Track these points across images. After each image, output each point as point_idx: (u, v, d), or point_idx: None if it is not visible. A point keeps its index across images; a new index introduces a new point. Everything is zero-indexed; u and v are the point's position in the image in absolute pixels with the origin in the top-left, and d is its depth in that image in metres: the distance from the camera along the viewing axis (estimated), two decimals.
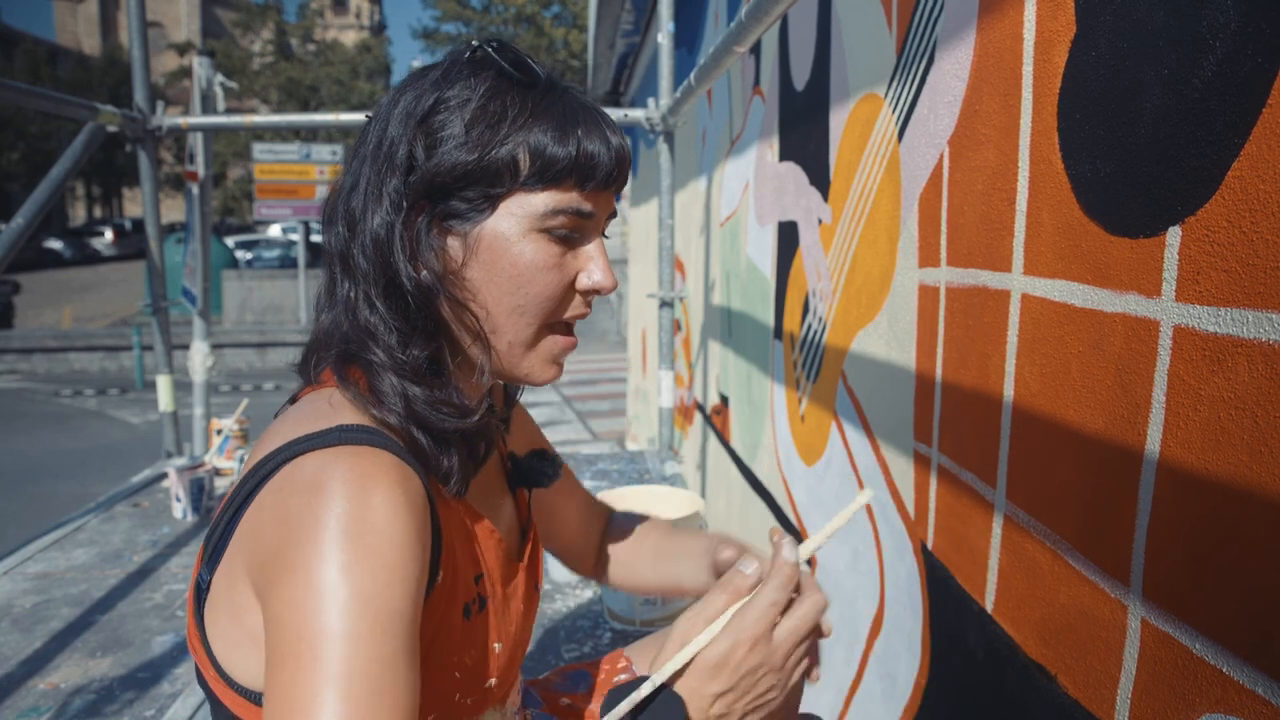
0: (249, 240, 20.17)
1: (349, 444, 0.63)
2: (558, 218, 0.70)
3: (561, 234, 0.70)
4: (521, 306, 0.71)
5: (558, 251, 0.71)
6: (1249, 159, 0.64)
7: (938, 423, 1.21)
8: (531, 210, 0.69)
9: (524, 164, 0.68)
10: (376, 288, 0.69)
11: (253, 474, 0.65)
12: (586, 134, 0.70)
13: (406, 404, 0.68)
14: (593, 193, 0.71)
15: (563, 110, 0.70)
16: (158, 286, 2.98)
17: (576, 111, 0.71)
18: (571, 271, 0.73)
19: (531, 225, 0.69)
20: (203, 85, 3.28)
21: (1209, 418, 0.68)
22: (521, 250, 0.69)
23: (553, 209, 0.69)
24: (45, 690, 1.50)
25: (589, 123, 0.71)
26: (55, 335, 12.84)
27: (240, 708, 0.66)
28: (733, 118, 2.77)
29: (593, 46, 7.33)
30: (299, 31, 27.45)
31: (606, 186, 0.72)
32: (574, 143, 0.69)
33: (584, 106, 0.72)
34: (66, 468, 6.90)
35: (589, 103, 0.74)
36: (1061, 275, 0.89)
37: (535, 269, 0.70)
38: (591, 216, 0.72)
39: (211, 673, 0.67)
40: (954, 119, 1.16)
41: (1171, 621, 0.72)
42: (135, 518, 2.41)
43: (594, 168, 0.70)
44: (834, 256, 1.71)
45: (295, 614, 0.56)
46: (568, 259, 0.72)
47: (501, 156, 0.68)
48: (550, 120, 0.69)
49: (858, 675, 1.53)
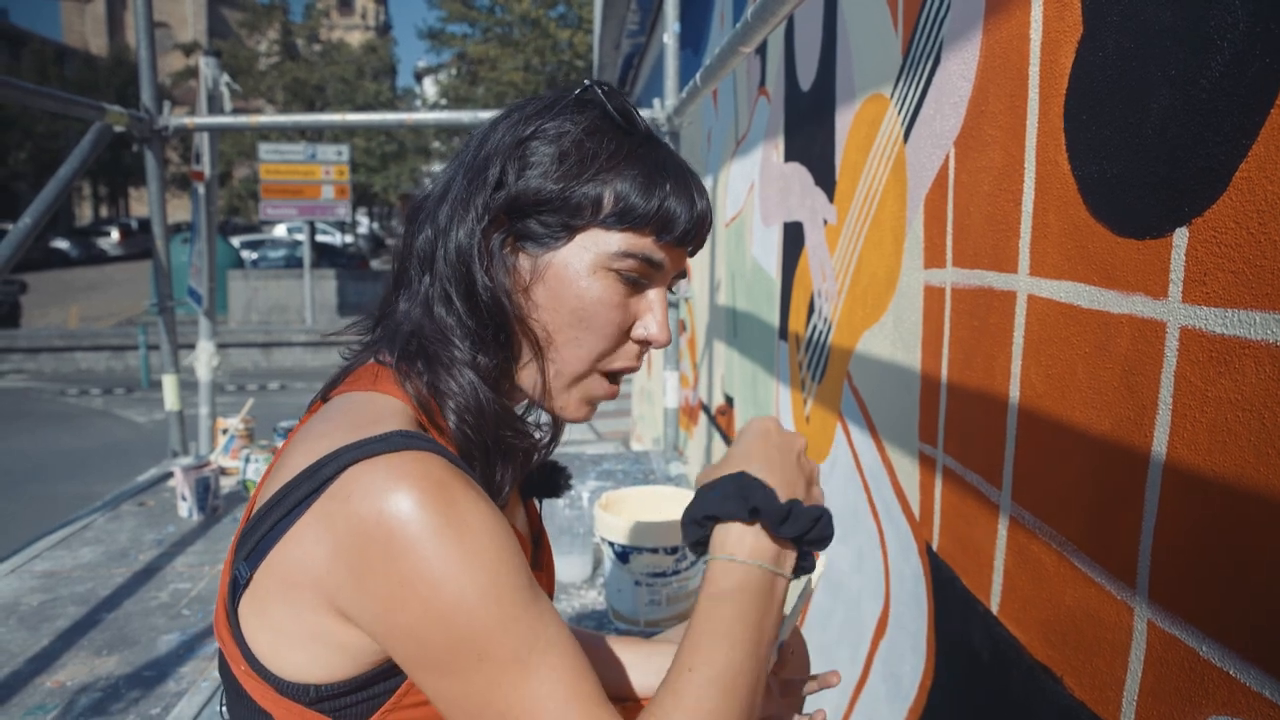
0: (254, 240, 20.22)
1: (411, 449, 0.63)
2: (628, 260, 0.72)
3: (630, 277, 0.73)
4: (578, 339, 0.73)
5: (623, 292, 0.73)
6: (1256, 160, 0.64)
7: (943, 424, 1.21)
8: (605, 248, 0.71)
9: (607, 204, 0.71)
10: (458, 289, 0.72)
11: (308, 476, 0.63)
12: (675, 190, 0.72)
13: (477, 403, 0.70)
14: (667, 246, 0.73)
15: (655, 163, 0.73)
16: (164, 286, 2.99)
17: (669, 167, 0.73)
18: (630, 318, 0.75)
19: (602, 262, 0.72)
20: (209, 85, 3.29)
21: (1216, 419, 0.68)
22: (590, 285, 0.72)
23: (625, 251, 0.71)
24: (52, 688, 1.50)
25: (679, 180, 0.73)
26: (61, 334, 12.88)
27: (269, 700, 0.66)
28: (738, 118, 2.77)
29: (598, 47, 7.33)
30: (305, 32, 27.49)
31: (682, 244, 0.74)
32: (659, 195, 0.71)
33: (678, 165, 0.75)
34: (72, 467, 6.93)
35: (683, 162, 0.76)
36: (1068, 276, 0.89)
37: (598, 304, 0.72)
38: (661, 267, 0.74)
39: (243, 666, 0.67)
40: (960, 120, 1.16)
41: (1178, 623, 0.72)
42: (141, 517, 2.42)
43: (674, 223, 0.72)
44: (839, 257, 1.71)
45: (438, 626, 0.59)
46: (630, 304, 0.74)
47: (587, 192, 0.71)
48: (641, 169, 0.72)
49: (863, 676, 1.53)
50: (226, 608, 0.68)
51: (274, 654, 0.66)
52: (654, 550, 1.63)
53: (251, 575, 0.65)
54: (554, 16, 20.40)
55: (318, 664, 0.65)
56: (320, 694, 0.65)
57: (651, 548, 1.63)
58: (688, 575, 1.68)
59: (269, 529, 0.65)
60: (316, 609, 0.63)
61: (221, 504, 2.45)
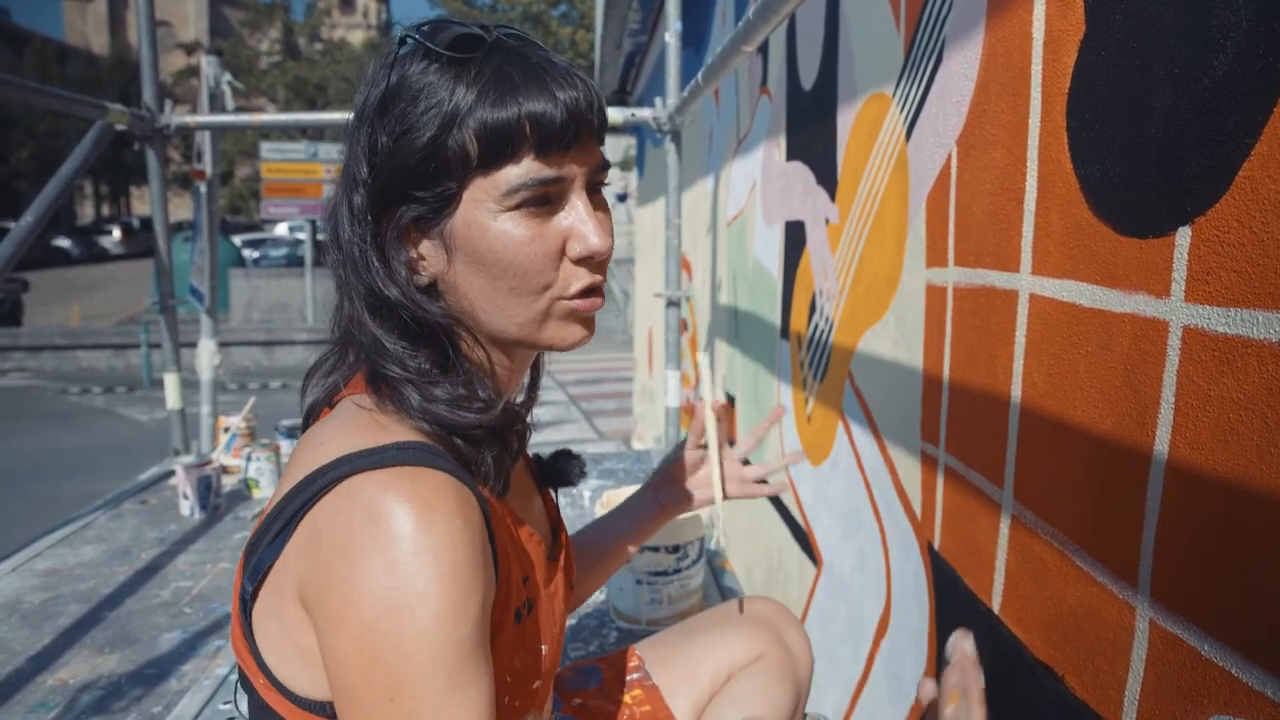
0: (256, 239, 20.24)
1: (407, 464, 0.61)
2: (519, 193, 0.65)
3: (534, 205, 0.66)
4: (515, 288, 0.68)
5: (535, 224, 0.67)
6: (1260, 159, 0.64)
7: (945, 423, 1.21)
8: (493, 191, 0.65)
9: (471, 148, 0.64)
10: (367, 304, 0.68)
11: (304, 487, 0.63)
12: (531, 97, 0.64)
13: (431, 413, 0.67)
14: (556, 155, 0.66)
15: (501, 78, 0.64)
16: (165, 285, 2.99)
17: (516, 75, 0.65)
18: (557, 240, 0.68)
19: (497, 206, 0.66)
20: (211, 84, 3.29)
21: (1218, 418, 0.68)
22: (497, 233, 0.66)
23: (513, 185, 0.65)
24: (54, 686, 1.50)
25: (534, 83, 0.65)
26: (63, 333, 12.89)
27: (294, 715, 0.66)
28: (740, 117, 2.76)
29: (600, 46, 7.32)
30: (306, 31, 27.51)
31: (569, 146, 0.66)
32: (515, 108, 0.63)
33: (531, 65, 0.66)
34: (74, 465, 6.93)
35: (536, 58, 0.67)
36: (1070, 275, 0.89)
37: (513, 248, 0.66)
38: (559, 181, 0.67)
39: (261, 680, 0.66)
40: (962, 118, 1.16)
41: (1180, 623, 0.72)
42: (143, 515, 2.42)
43: (544, 130, 0.64)
44: (841, 256, 1.71)
45: (363, 650, 0.57)
46: (550, 228, 0.68)
47: (448, 146, 0.64)
48: (489, 93, 0.64)
49: (864, 675, 1.53)
50: (241, 623, 0.67)
51: (279, 670, 0.65)
52: (655, 549, 1.63)
53: (256, 590, 0.65)
54: (556, 15, 20.39)
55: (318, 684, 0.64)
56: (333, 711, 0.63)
57: (652, 546, 1.63)
58: (689, 574, 1.68)
59: (270, 542, 0.64)
60: (300, 623, 0.62)
61: (223, 502, 2.45)
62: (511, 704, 0.74)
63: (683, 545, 1.66)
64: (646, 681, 1.07)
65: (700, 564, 1.72)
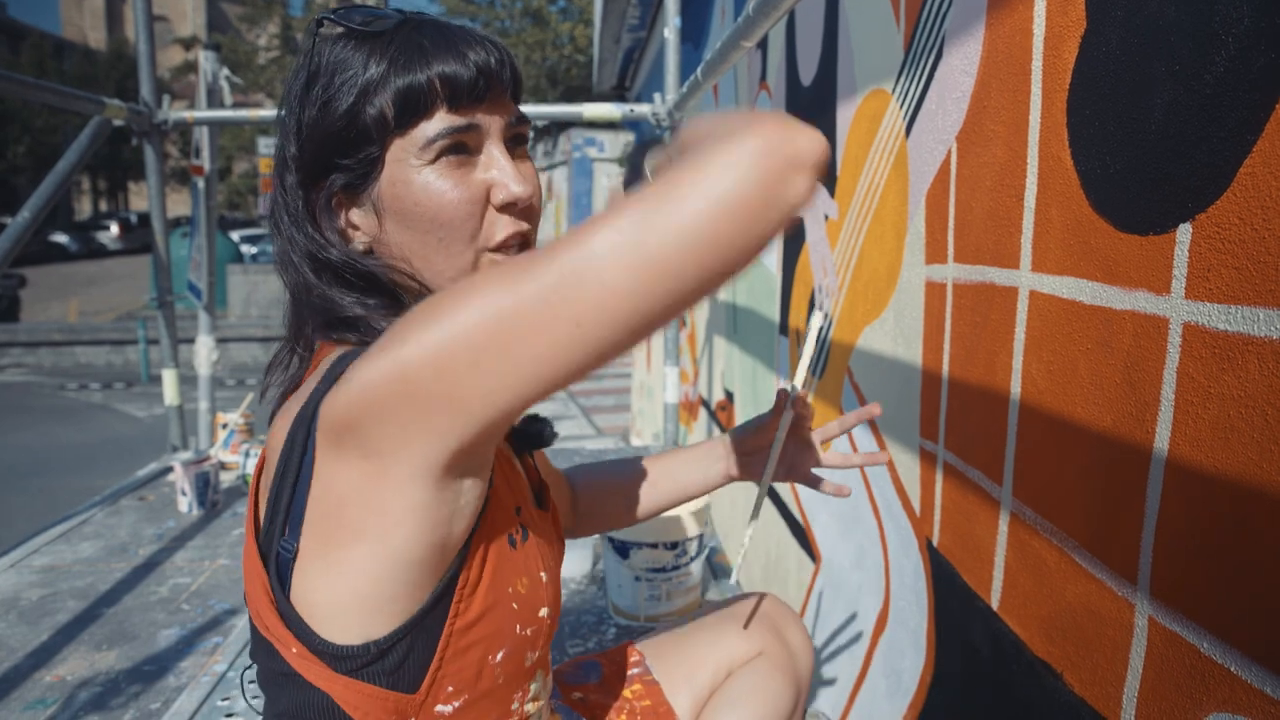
0: (254, 235, 20.21)
1: None
2: (436, 144, 0.69)
3: (451, 154, 0.70)
4: (442, 239, 0.71)
5: (455, 174, 0.70)
6: (1261, 155, 0.63)
7: (944, 420, 1.21)
8: (411, 148, 0.69)
9: (388, 111, 0.68)
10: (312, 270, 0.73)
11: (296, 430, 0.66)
12: (441, 58, 0.69)
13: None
14: (468, 107, 0.70)
15: (411, 46, 0.69)
16: (163, 280, 2.99)
17: (426, 42, 0.69)
18: (479, 189, 0.71)
19: (416, 162, 0.69)
20: (208, 79, 3.28)
21: (1218, 416, 0.68)
22: (420, 186, 0.70)
23: (429, 137, 0.69)
24: (52, 682, 1.50)
25: (440, 46, 0.69)
26: (61, 329, 12.87)
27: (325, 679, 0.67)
28: None
29: (598, 41, 7.31)
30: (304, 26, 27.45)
31: (480, 99, 0.70)
32: (425, 70, 0.68)
33: (440, 32, 0.71)
34: (72, 461, 6.93)
35: (448, 26, 0.72)
36: (1070, 272, 0.89)
37: (436, 197, 0.70)
38: (472, 129, 0.70)
39: (294, 649, 0.67)
40: (962, 114, 1.15)
41: (1179, 620, 0.72)
42: (141, 511, 2.42)
43: (454, 85, 0.69)
44: (840, 252, 1.71)
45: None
46: (472, 179, 0.71)
47: (367, 113, 0.68)
48: (403, 59, 0.68)
49: (862, 671, 1.53)
50: (274, 596, 0.68)
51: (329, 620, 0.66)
52: (654, 545, 1.63)
53: (297, 546, 0.66)
54: (555, 10, 20.36)
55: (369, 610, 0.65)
56: (379, 648, 0.66)
57: (651, 543, 1.63)
58: (687, 571, 1.68)
59: (291, 495, 0.66)
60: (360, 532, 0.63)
61: (221, 499, 2.45)
62: (524, 633, 0.75)
63: (681, 542, 1.66)
64: (647, 676, 1.07)
65: (699, 561, 1.72)
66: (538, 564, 0.78)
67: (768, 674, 1.06)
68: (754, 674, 1.06)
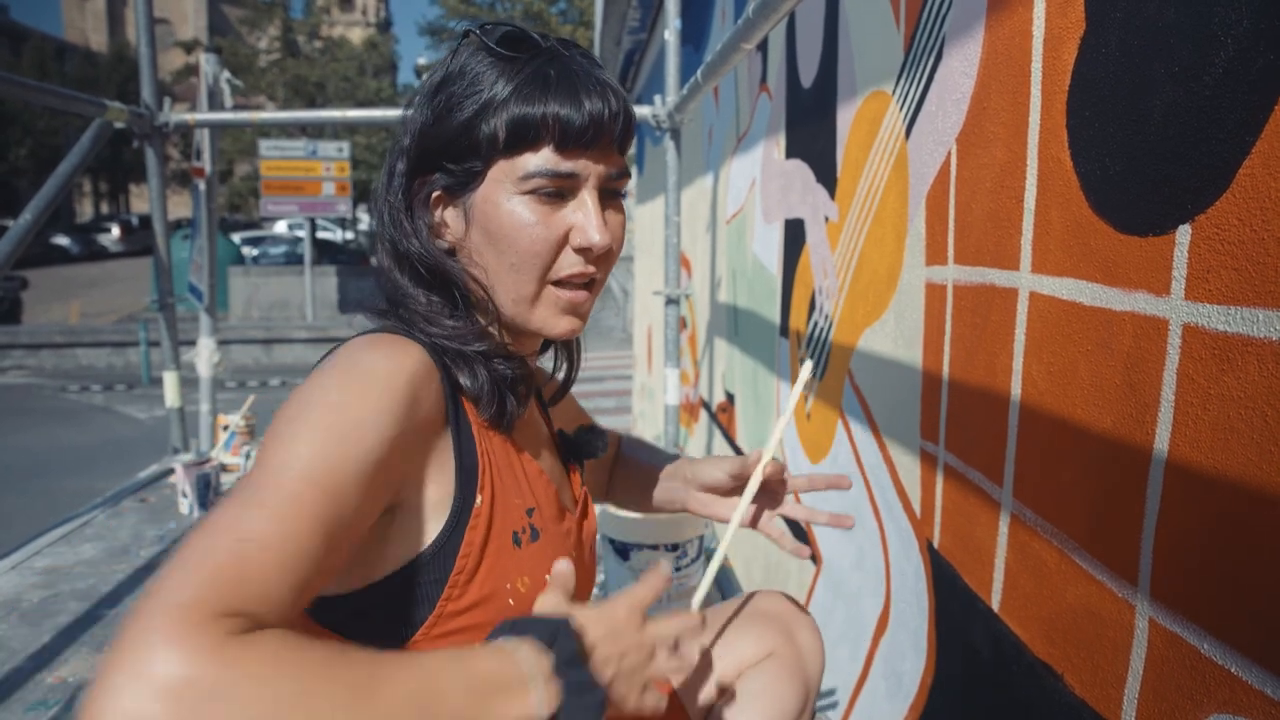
0: (255, 237, 20.22)
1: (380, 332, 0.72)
2: (535, 179, 0.74)
3: (547, 193, 0.75)
4: (515, 264, 0.76)
5: (544, 210, 0.75)
6: (1260, 156, 0.64)
7: (944, 421, 1.21)
8: (513, 174, 0.74)
9: (500, 133, 0.73)
10: (393, 258, 0.79)
11: None
12: (559, 99, 0.73)
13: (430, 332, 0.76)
14: (573, 152, 0.74)
15: (539, 77, 0.73)
16: (165, 282, 2.99)
17: (553, 78, 0.74)
18: (561, 229, 0.76)
19: (514, 188, 0.74)
20: (210, 82, 3.28)
21: (1218, 417, 0.68)
22: (508, 212, 0.75)
23: (530, 171, 0.74)
24: (53, 684, 1.50)
25: (565, 87, 0.73)
26: (62, 331, 12.88)
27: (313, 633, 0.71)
28: (739, 115, 2.76)
29: (599, 43, 7.31)
30: (305, 28, 27.47)
31: (585, 146, 0.74)
32: (542, 107, 0.72)
33: (568, 72, 0.75)
34: (73, 463, 6.93)
35: (579, 68, 0.76)
36: (1070, 273, 0.89)
37: (519, 227, 0.75)
38: (573, 176, 0.75)
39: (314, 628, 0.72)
40: (962, 116, 1.15)
41: (1179, 621, 0.72)
42: (142, 513, 2.42)
43: (565, 129, 0.73)
44: (841, 254, 1.71)
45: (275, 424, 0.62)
46: (557, 217, 0.76)
47: (482, 129, 0.74)
48: (526, 89, 0.73)
49: (863, 673, 1.53)
50: None
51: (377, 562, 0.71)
52: (654, 547, 1.63)
53: None
54: (555, 12, 20.37)
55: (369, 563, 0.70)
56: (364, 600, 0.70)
57: (651, 545, 1.63)
58: (687, 573, 1.68)
59: None
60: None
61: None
62: None
63: (681, 544, 1.66)
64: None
65: (699, 563, 1.72)
66: (546, 568, 0.78)
67: (776, 675, 1.06)
68: (762, 675, 1.06)
